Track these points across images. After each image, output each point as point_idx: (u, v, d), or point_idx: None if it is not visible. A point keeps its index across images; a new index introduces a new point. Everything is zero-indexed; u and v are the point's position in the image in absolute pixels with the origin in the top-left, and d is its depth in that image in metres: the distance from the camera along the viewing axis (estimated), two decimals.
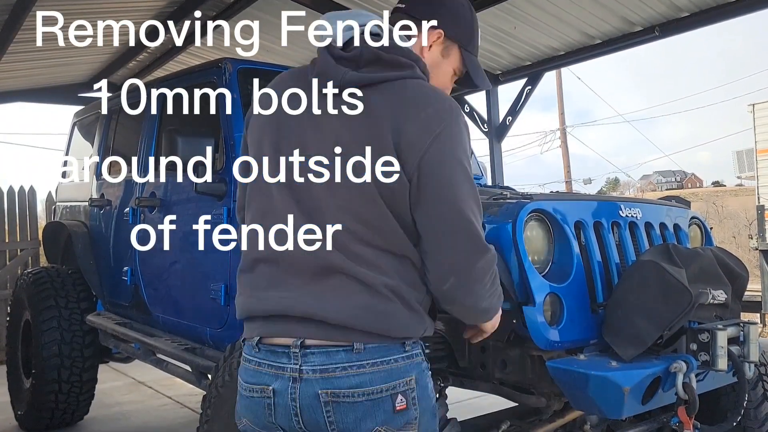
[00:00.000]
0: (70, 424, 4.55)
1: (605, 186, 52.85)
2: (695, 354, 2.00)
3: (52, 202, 6.55)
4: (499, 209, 2.06)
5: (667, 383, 1.94)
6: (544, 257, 2.11)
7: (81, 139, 4.98)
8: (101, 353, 4.45)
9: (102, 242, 4.15)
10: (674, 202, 2.73)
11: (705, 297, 2.02)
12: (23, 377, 4.72)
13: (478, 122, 7.68)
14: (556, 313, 2.02)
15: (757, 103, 11.68)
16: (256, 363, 1.45)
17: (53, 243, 5.01)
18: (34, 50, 6.51)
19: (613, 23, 5.96)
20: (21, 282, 4.72)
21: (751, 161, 13.04)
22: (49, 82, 7.95)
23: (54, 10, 5.51)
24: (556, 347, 2.01)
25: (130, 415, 4.94)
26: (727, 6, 5.41)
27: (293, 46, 7.13)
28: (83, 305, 4.39)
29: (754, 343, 2.06)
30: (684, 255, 2.11)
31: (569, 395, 1.95)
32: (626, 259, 2.27)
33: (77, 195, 4.71)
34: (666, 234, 2.48)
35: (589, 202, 2.29)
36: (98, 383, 4.51)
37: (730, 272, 2.21)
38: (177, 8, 6.12)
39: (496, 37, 6.44)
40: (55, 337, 4.23)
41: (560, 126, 22.84)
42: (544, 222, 2.11)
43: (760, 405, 2.68)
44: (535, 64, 7.01)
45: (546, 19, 5.96)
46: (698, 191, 43.40)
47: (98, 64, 7.65)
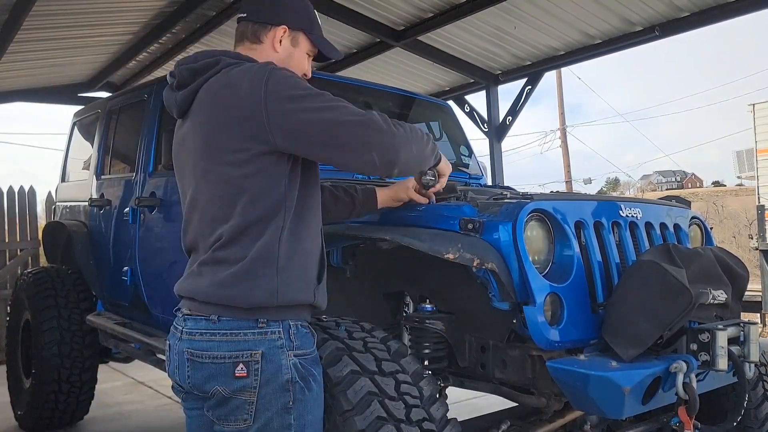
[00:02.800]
0: (70, 424, 4.55)
1: (605, 186, 52.85)
2: (695, 354, 2.00)
3: (52, 202, 6.55)
4: (499, 209, 2.06)
5: (667, 383, 1.94)
6: (545, 257, 2.10)
7: (81, 139, 4.97)
8: (101, 353, 4.44)
9: (102, 242, 4.14)
10: (674, 202, 2.73)
11: (705, 297, 2.02)
12: (23, 377, 4.72)
13: (478, 122, 7.68)
14: (556, 313, 2.02)
15: (757, 103, 11.67)
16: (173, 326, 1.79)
17: (53, 243, 5.00)
18: (34, 50, 6.52)
19: (614, 23, 5.96)
20: (21, 282, 4.72)
21: (751, 161, 13.03)
22: (49, 82, 7.95)
23: (54, 9, 5.52)
24: (556, 347, 2.01)
25: (130, 415, 4.94)
26: (727, 6, 5.41)
27: None
28: (83, 305, 4.38)
29: (755, 343, 2.06)
30: (684, 255, 2.10)
31: (569, 395, 1.95)
32: (626, 259, 2.26)
33: (77, 195, 4.70)
34: (666, 234, 2.48)
35: (590, 201, 2.28)
36: (98, 383, 4.51)
37: (730, 272, 2.20)
38: (177, 8, 6.12)
39: (496, 36, 6.44)
40: (55, 337, 4.22)
41: (560, 126, 22.84)
42: (544, 222, 2.11)
43: (761, 405, 2.68)
44: (535, 63, 7.01)
45: (546, 19, 5.96)
46: (698, 191, 43.39)
47: (98, 64, 7.65)
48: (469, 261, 1.95)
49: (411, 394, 1.84)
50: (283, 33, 1.85)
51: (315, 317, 1.94)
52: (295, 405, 1.65)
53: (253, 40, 1.86)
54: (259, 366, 1.63)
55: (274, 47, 1.85)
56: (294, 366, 1.66)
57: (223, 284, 1.65)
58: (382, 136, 1.68)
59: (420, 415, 1.81)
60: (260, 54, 1.84)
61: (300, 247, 1.72)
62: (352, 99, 3.71)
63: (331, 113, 1.65)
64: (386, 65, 7.40)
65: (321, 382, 1.75)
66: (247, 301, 1.64)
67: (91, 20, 6.05)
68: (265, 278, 1.65)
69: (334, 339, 1.93)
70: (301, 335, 1.71)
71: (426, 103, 4.24)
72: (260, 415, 1.63)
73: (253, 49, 1.85)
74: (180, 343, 1.72)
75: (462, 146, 4.12)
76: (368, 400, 1.76)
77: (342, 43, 7.02)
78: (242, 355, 1.63)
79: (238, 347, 1.64)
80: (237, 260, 1.65)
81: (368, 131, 1.66)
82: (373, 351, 1.93)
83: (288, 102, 1.63)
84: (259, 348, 1.64)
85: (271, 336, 1.65)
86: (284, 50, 1.86)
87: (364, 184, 2.88)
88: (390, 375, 1.86)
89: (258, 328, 1.65)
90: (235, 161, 1.66)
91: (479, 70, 7.28)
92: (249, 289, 1.64)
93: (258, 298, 1.64)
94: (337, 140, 1.66)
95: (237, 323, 1.65)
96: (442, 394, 2.29)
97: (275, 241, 1.66)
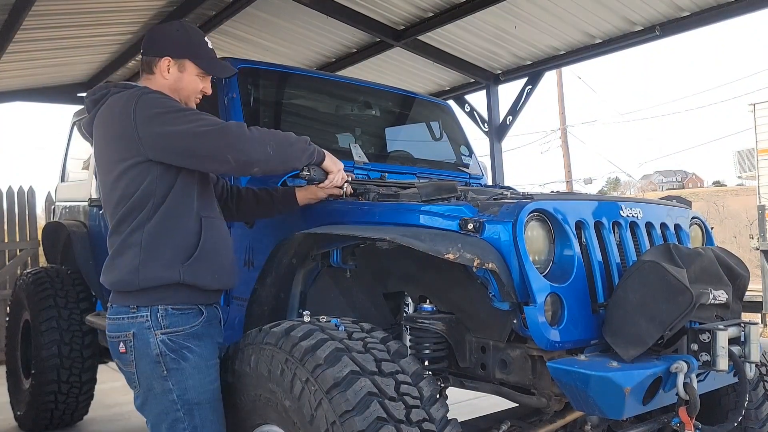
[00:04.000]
0: (70, 424, 4.55)
1: (606, 186, 52.84)
2: (696, 354, 1.99)
3: (51, 202, 6.54)
4: (499, 209, 2.05)
5: (667, 383, 1.93)
6: (545, 257, 2.10)
7: (80, 139, 4.97)
8: (101, 353, 4.44)
9: (101, 242, 4.13)
10: (675, 202, 2.72)
11: (706, 297, 2.02)
12: (23, 377, 4.72)
13: (479, 122, 7.67)
14: (557, 313, 2.01)
15: (757, 103, 11.65)
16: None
17: (53, 243, 5.00)
18: (34, 50, 6.51)
19: (614, 23, 5.96)
20: (20, 282, 4.72)
21: (751, 161, 13.02)
22: (49, 82, 7.96)
23: (54, 9, 5.52)
24: (557, 347, 2.00)
25: (129, 415, 4.93)
26: (728, 6, 5.41)
27: (293, 45, 7.13)
28: (83, 305, 4.39)
29: (755, 343, 2.05)
30: (685, 255, 2.10)
31: (570, 395, 1.95)
32: (627, 259, 2.26)
33: (77, 195, 4.70)
34: (667, 234, 2.47)
35: (590, 201, 2.28)
36: (98, 383, 4.51)
37: (731, 272, 2.20)
38: (177, 8, 6.12)
39: (497, 36, 6.44)
40: (55, 338, 4.22)
41: (560, 126, 22.83)
42: (544, 222, 2.10)
43: (761, 405, 2.68)
44: (536, 63, 7.00)
45: (547, 19, 5.95)
46: (699, 191, 43.38)
47: (98, 63, 7.65)
48: (470, 261, 1.94)
49: (411, 395, 1.84)
50: (168, 63, 2.20)
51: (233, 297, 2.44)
52: (170, 373, 2.04)
53: (147, 72, 2.23)
54: (132, 344, 2.05)
55: (163, 75, 2.20)
56: (162, 342, 2.04)
57: (105, 271, 2.08)
58: (235, 140, 2.01)
59: (420, 415, 1.80)
60: (153, 82, 2.21)
61: (168, 237, 2.05)
62: (352, 99, 3.75)
63: (187, 125, 1.99)
64: (386, 65, 7.40)
65: (202, 352, 2.09)
66: (112, 281, 2.05)
67: (91, 20, 6.05)
68: (128, 257, 2.03)
69: (334, 339, 1.93)
70: (170, 316, 2.06)
71: (426, 102, 4.23)
72: (142, 382, 2.06)
73: (149, 79, 2.22)
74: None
75: (462, 146, 4.12)
76: (368, 401, 1.75)
77: (342, 42, 7.02)
78: (122, 336, 2.07)
79: (120, 329, 2.07)
80: (114, 248, 2.08)
81: (221, 138, 2.00)
82: (373, 351, 1.93)
83: (153, 119, 2.00)
84: (131, 329, 2.05)
85: (140, 319, 2.05)
86: (172, 76, 2.21)
87: (364, 183, 2.88)
88: (390, 375, 1.86)
89: (130, 313, 2.05)
90: (114, 170, 2.05)
91: (479, 69, 7.27)
92: (116, 269, 2.04)
93: (121, 276, 2.03)
94: (196, 149, 2.01)
95: (118, 309, 2.08)
96: (442, 394, 2.28)
97: (140, 230, 2.03)
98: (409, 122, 4.14)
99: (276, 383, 1.96)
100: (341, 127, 3.76)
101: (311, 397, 1.84)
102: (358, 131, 3.74)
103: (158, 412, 2.06)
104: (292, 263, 2.61)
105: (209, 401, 2.09)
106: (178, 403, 2.05)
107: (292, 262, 2.60)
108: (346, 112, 3.79)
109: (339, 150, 3.49)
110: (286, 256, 2.57)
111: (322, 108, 3.70)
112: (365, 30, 6.44)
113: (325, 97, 3.67)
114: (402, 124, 4.11)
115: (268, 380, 2.00)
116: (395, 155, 3.75)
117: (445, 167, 3.89)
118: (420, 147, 3.94)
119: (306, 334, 1.96)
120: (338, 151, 3.48)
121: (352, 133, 3.70)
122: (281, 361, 1.95)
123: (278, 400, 1.97)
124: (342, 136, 3.64)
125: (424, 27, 6.28)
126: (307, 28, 6.64)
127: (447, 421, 1.86)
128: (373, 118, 3.87)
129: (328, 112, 3.72)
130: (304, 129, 3.53)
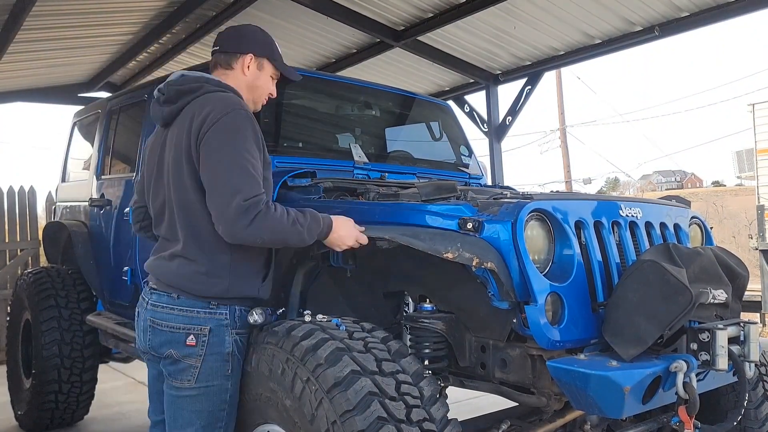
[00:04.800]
0: (70, 424, 4.55)
1: (605, 186, 52.82)
2: (696, 353, 2.00)
3: (52, 202, 6.55)
4: (499, 209, 2.06)
5: (667, 383, 1.94)
6: (545, 257, 2.10)
7: (81, 139, 4.97)
8: (101, 353, 4.44)
9: (102, 242, 4.14)
10: (674, 202, 2.72)
11: (705, 296, 2.02)
12: (23, 377, 4.72)
13: (478, 122, 7.68)
14: (557, 312, 2.01)
15: (756, 104, 11.66)
16: (141, 296, 2.20)
17: (53, 243, 5.00)
18: (34, 50, 6.51)
19: (614, 23, 5.96)
20: (21, 282, 4.72)
21: (751, 161, 13.02)
22: (49, 82, 7.95)
23: (54, 9, 5.52)
24: (557, 347, 2.00)
25: (130, 415, 4.94)
26: (727, 6, 5.41)
27: (293, 45, 7.13)
28: (83, 305, 4.39)
29: (755, 342, 2.06)
30: (684, 254, 2.10)
31: (569, 395, 1.95)
32: (626, 259, 2.26)
33: (77, 195, 4.70)
34: (666, 234, 2.48)
35: (590, 201, 2.28)
36: (98, 383, 4.51)
37: (730, 272, 2.20)
38: (177, 8, 6.12)
39: (496, 36, 6.44)
40: (55, 337, 4.23)
41: (560, 126, 22.83)
42: (544, 222, 2.11)
43: (761, 405, 2.68)
44: (535, 63, 7.01)
45: (546, 19, 5.96)
46: (698, 191, 43.33)
47: (98, 64, 7.65)
48: (469, 260, 1.95)
49: (411, 395, 1.84)
50: (250, 60, 2.23)
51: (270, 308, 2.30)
52: (233, 373, 2.08)
53: (225, 67, 2.24)
54: (206, 339, 2.04)
55: (244, 72, 2.23)
56: (235, 342, 2.09)
57: (188, 278, 2.06)
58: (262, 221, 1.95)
59: (420, 415, 1.81)
60: (232, 78, 2.22)
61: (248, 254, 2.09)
62: (352, 99, 3.75)
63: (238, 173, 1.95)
64: (386, 65, 7.40)
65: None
66: (204, 294, 2.05)
67: (91, 20, 6.05)
68: (220, 278, 2.05)
69: (335, 339, 1.94)
70: (243, 318, 2.11)
71: (426, 103, 4.24)
72: (203, 377, 2.04)
73: (226, 75, 2.23)
74: (145, 312, 2.13)
75: (462, 146, 4.12)
76: (369, 401, 1.76)
77: (342, 43, 7.02)
78: (194, 329, 2.04)
79: (192, 322, 2.05)
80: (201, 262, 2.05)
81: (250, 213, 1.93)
82: (374, 351, 1.93)
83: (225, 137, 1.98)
84: (208, 324, 2.05)
85: (219, 316, 2.07)
86: (252, 74, 2.25)
87: (364, 183, 2.88)
88: (390, 375, 1.87)
89: (210, 308, 2.06)
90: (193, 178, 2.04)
91: (479, 70, 7.27)
92: (207, 286, 2.05)
93: (213, 293, 2.06)
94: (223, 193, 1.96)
95: (193, 302, 2.06)
96: (442, 394, 2.28)
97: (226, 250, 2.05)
98: (409, 122, 4.14)
99: (277, 382, 1.97)
100: (341, 127, 3.77)
101: (312, 397, 1.84)
102: (358, 131, 3.74)
103: (202, 408, 2.05)
104: (292, 263, 2.61)
105: (236, 405, 2.14)
106: (227, 403, 2.09)
107: (292, 262, 2.61)
108: (346, 113, 3.80)
109: (339, 150, 3.49)
110: (286, 256, 2.57)
111: (322, 108, 3.70)
112: (365, 30, 6.45)
113: (325, 98, 3.68)
114: (402, 125, 4.12)
115: (269, 379, 2.01)
116: (395, 155, 3.75)
117: (445, 167, 3.90)
118: (420, 147, 3.95)
119: (307, 333, 1.97)
120: (338, 151, 3.49)
121: (352, 133, 3.71)
122: (282, 361, 1.96)
123: (279, 399, 1.97)
124: (342, 136, 3.65)
125: (423, 27, 6.28)
126: (307, 29, 6.64)
127: (447, 421, 1.87)
128: (373, 118, 3.88)
129: (329, 112, 3.73)
130: (304, 129, 3.54)
